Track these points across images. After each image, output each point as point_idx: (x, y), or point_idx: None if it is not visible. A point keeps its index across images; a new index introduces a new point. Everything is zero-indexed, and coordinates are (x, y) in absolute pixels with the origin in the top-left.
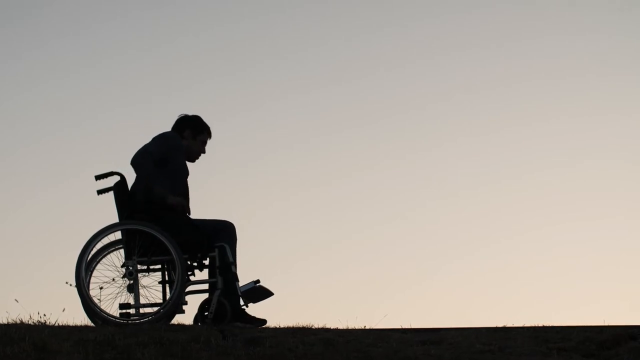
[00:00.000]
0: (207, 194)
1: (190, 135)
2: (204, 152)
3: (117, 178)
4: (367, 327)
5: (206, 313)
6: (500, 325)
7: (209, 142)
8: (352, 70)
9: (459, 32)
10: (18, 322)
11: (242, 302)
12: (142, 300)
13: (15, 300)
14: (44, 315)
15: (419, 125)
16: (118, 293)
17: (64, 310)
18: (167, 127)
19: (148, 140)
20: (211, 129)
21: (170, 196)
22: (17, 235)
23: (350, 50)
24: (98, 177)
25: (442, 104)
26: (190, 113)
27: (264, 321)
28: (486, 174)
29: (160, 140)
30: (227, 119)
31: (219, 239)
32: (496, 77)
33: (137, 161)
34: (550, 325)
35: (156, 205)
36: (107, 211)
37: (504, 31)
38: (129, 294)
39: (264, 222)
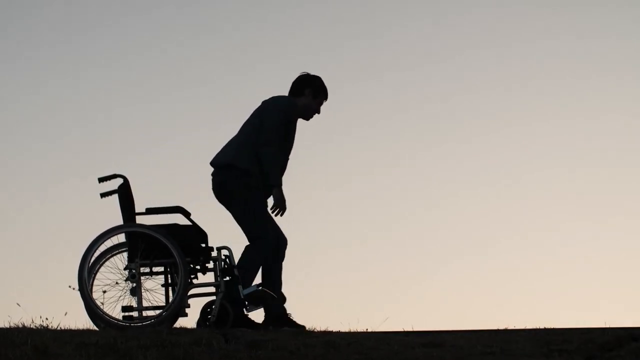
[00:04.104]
0: (210, 195)
1: (310, 93)
2: (318, 113)
3: (120, 181)
4: (368, 330)
5: (209, 316)
6: (501, 327)
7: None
8: (352, 70)
9: (461, 33)
10: (20, 325)
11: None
12: (145, 303)
13: (17, 304)
14: (46, 319)
15: (418, 128)
16: (121, 296)
17: (66, 314)
18: (170, 129)
19: (149, 141)
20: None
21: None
22: (19, 238)
23: (355, 51)
24: (101, 180)
25: (443, 106)
26: (299, 74)
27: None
28: (487, 175)
29: (279, 112)
30: (229, 121)
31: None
32: (499, 78)
33: (271, 157)
34: (552, 327)
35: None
36: (111, 214)
37: (505, 32)
38: (131, 296)
39: None
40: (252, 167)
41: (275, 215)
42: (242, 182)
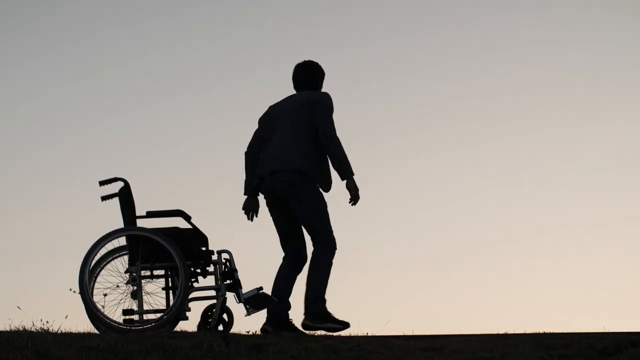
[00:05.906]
0: (210, 198)
1: (321, 84)
2: None
3: (121, 184)
4: (369, 334)
5: (209, 320)
6: (502, 332)
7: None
8: (354, 72)
9: (469, 36)
10: (20, 329)
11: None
12: (146, 307)
13: (18, 307)
14: (47, 322)
15: (421, 131)
16: (121, 299)
17: (66, 317)
18: (171, 132)
19: (150, 145)
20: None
21: None
22: (20, 241)
23: (362, 53)
24: (102, 183)
25: (447, 109)
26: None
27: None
28: (488, 180)
29: (329, 107)
30: (230, 123)
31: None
32: (506, 83)
33: (340, 148)
34: (552, 332)
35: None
36: (111, 217)
37: (514, 37)
38: (132, 300)
39: (267, 227)
40: (318, 172)
41: (352, 205)
42: (310, 186)
